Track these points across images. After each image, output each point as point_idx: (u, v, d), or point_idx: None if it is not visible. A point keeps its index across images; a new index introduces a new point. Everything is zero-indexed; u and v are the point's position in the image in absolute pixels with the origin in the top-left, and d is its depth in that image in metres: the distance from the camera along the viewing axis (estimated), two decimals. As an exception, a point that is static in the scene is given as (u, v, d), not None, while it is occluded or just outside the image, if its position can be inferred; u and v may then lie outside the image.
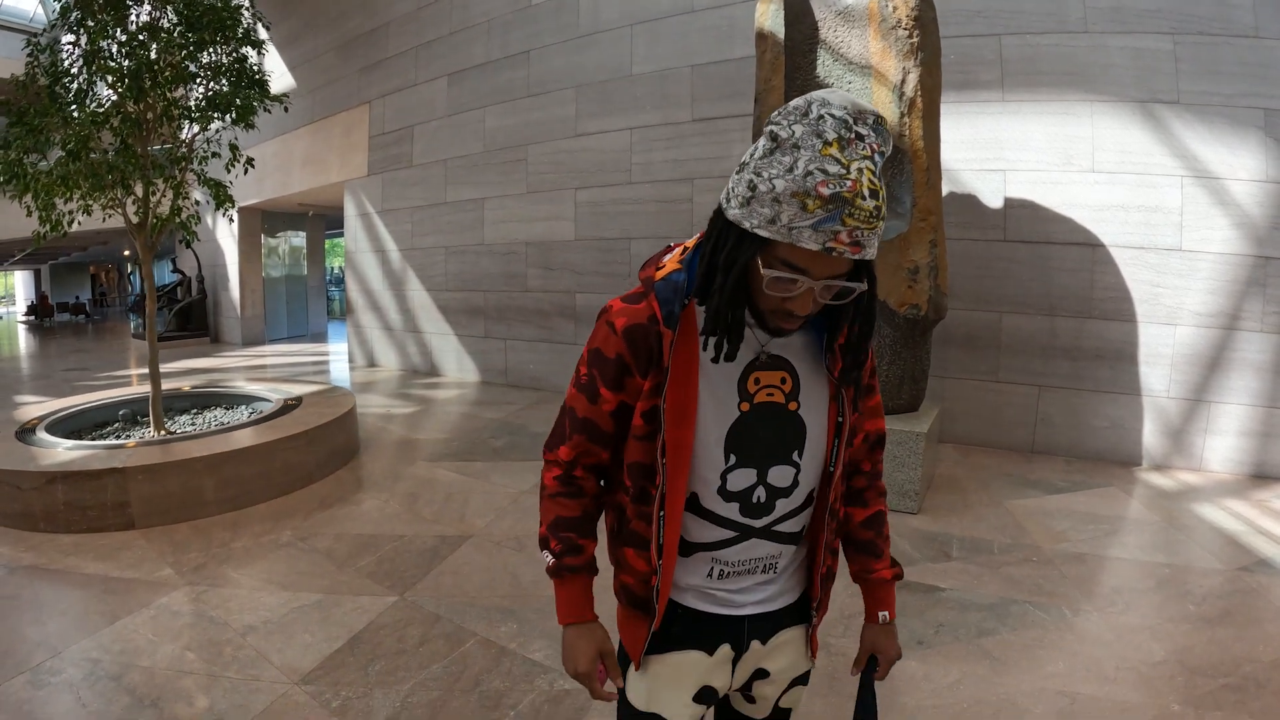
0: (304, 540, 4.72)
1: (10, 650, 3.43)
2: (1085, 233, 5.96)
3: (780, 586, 1.50)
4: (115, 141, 5.98)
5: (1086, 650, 3.22)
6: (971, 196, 6.29)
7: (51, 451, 5.37)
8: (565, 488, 1.48)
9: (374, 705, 3.01)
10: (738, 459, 1.35)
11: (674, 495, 1.35)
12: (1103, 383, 5.98)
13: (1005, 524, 4.61)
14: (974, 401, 6.44)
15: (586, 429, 1.43)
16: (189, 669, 3.32)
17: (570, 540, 1.46)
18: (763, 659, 1.53)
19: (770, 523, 1.41)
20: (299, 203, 15.51)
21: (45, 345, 19.66)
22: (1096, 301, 5.96)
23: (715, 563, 1.43)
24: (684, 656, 1.49)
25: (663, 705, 1.51)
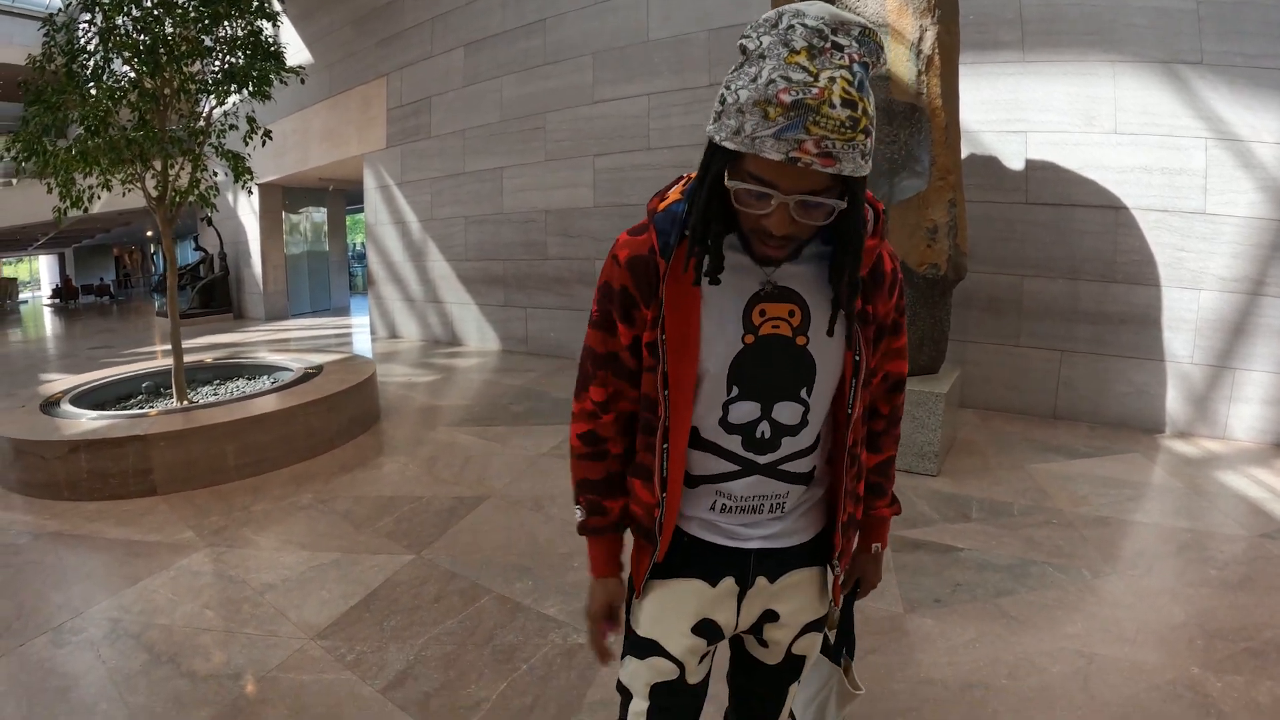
0: (324, 503, 4.74)
1: (33, 611, 3.47)
2: (1108, 195, 5.82)
3: (790, 524, 1.45)
4: (134, 117, 5.99)
5: (1106, 612, 3.16)
6: (992, 158, 6.16)
7: (75, 422, 5.40)
8: (589, 448, 1.46)
9: (388, 659, 3.02)
10: (740, 391, 1.31)
11: (677, 428, 1.32)
12: (1126, 348, 5.86)
13: (1026, 487, 4.54)
14: (996, 366, 6.33)
15: (610, 364, 1.40)
16: (207, 626, 3.35)
17: (594, 502, 1.48)
18: (771, 599, 1.49)
19: (776, 460, 1.36)
20: (319, 177, 15.51)
21: (70, 326, 19.83)
22: (1119, 265, 5.83)
23: (719, 496, 1.39)
24: (685, 584, 1.46)
25: (661, 632, 1.49)
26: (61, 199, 6.01)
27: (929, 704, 2.59)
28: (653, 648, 1.50)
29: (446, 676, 2.88)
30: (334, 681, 2.90)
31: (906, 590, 3.37)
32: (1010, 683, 2.68)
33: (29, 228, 22.59)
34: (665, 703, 1.53)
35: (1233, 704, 2.49)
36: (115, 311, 24.36)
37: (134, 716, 2.73)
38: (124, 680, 2.95)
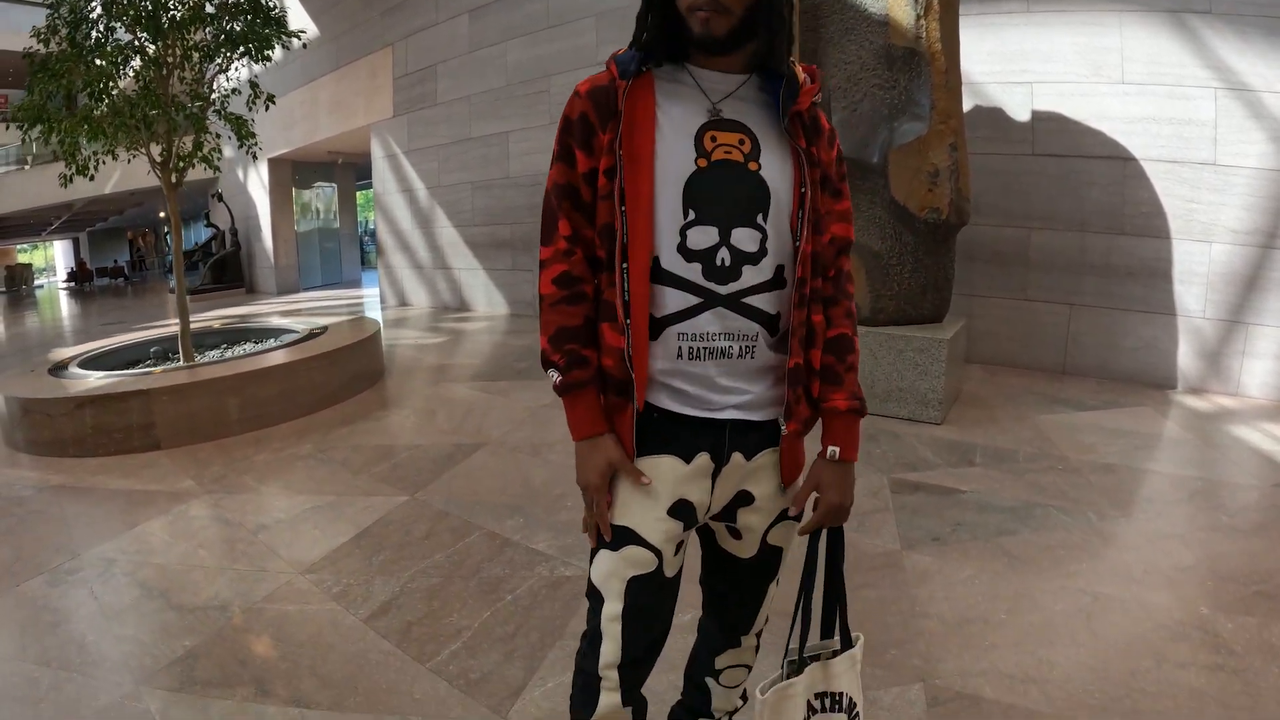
0: (322, 452, 4.69)
1: (32, 555, 3.47)
2: (1115, 146, 5.64)
3: (765, 392, 1.38)
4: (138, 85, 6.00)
5: (1112, 554, 3.04)
6: (997, 110, 5.99)
7: (80, 381, 5.39)
8: (565, 290, 1.36)
9: (374, 590, 2.97)
10: (697, 215, 1.28)
11: (636, 247, 1.28)
12: (1135, 301, 5.70)
13: (1031, 436, 4.41)
14: (1002, 320, 6.18)
15: (570, 195, 1.36)
16: (199, 564, 3.33)
17: (574, 352, 1.36)
18: (746, 479, 1.41)
19: (738, 291, 1.30)
20: (328, 150, 15.44)
21: (85, 306, 19.90)
22: (1128, 217, 5.66)
23: (683, 339, 1.31)
24: (657, 463, 1.37)
25: (634, 517, 1.39)
26: (67, 166, 5.98)
27: (923, 636, 2.48)
28: (627, 536, 1.40)
29: (430, 607, 2.83)
30: (318, 611, 2.85)
31: (904, 529, 3.27)
32: (1009, 618, 2.57)
33: (42, 211, 22.53)
34: (642, 601, 1.43)
35: (1244, 645, 2.37)
36: (130, 292, 24.40)
37: (120, 645, 2.72)
38: (114, 614, 2.94)
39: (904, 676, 2.27)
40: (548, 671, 2.38)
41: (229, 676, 2.49)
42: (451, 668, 2.45)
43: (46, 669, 2.58)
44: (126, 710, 2.33)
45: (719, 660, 1.68)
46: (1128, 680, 2.20)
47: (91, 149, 6.05)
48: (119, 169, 16.96)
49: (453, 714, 2.23)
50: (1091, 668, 2.27)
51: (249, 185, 16.84)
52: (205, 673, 2.52)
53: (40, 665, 2.60)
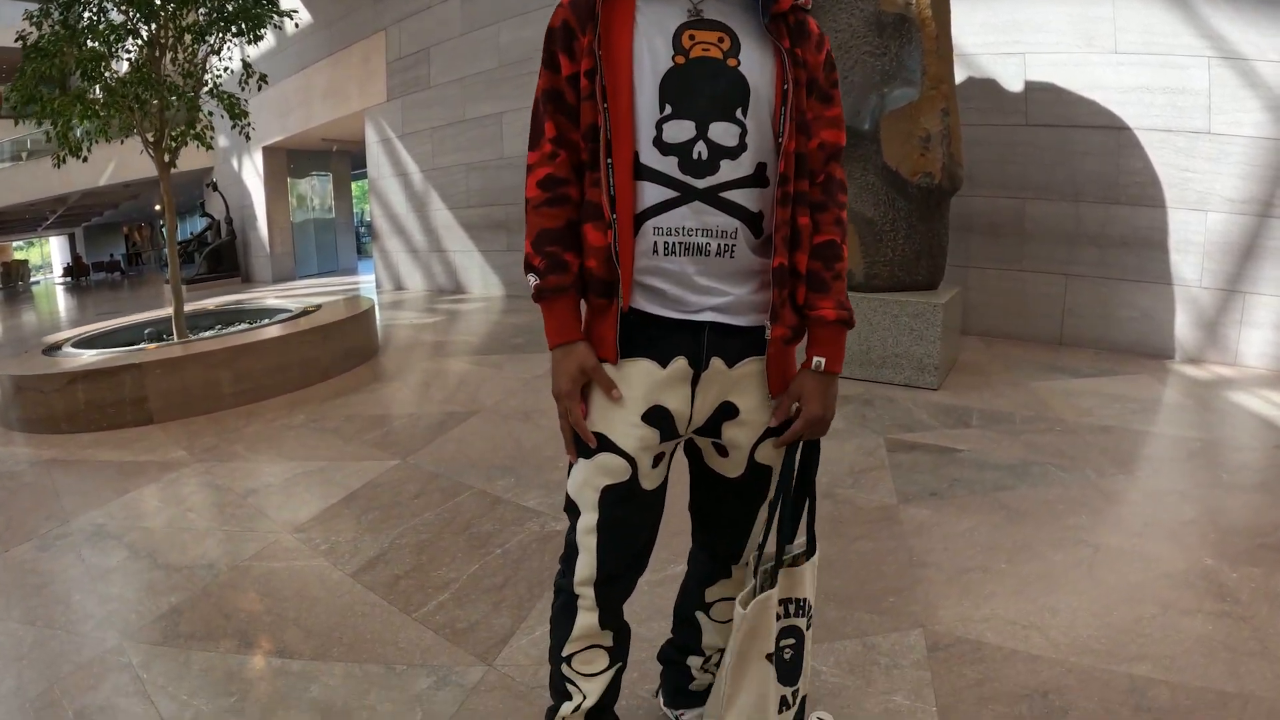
0: (314, 422, 4.63)
1: (21, 523, 3.43)
2: (1109, 115, 5.55)
3: (748, 296, 1.33)
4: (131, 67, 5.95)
5: (1112, 508, 2.97)
6: (991, 81, 5.90)
7: (73, 359, 5.33)
8: (548, 192, 1.34)
9: (362, 547, 2.91)
10: (674, 109, 1.25)
11: (619, 143, 1.25)
12: (1131, 271, 5.62)
13: (1028, 400, 4.33)
14: (998, 291, 6.10)
15: (554, 99, 1.33)
16: (188, 526, 3.28)
17: (555, 255, 1.33)
18: (730, 389, 1.36)
19: (715, 186, 1.27)
20: (322, 137, 15.31)
21: (82, 300, 19.80)
22: (1123, 187, 5.57)
23: (659, 233, 1.28)
24: (631, 366, 1.33)
25: (607, 423, 1.34)
26: (60, 146, 5.93)
27: (921, 584, 2.41)
28: (600, 442, 1.35)
29: (418, 561, 2.77)
30: (304, 567, 2.79)
31: (901, 485, 3.19)
32: (1009, 567, 2.50)
33: (37, 205, 22.32)
34: (617, 512, 1.38)
35: (1250, 593, 2.30)
36: (126, 285, 24.22)
37: (105, 604, 2.67)
38: (100, 575, 2.89)
39: (903, 623, 2.20)
40: (536, 620, 2.32)
41: (212, 630, 2.44)
42: (438, 618, 2.39)
43: (31, 627, 2.54)
44: (108, 663, 2.29)
45: (709, 592, 1.64)
46: (1132, 627, 2.12)
47: (84, 128, 5.99)
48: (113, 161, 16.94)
49: (438, 661, 2.17)
50: (1095, 614, 2.20)
51: (244, 174, 16.71)
52: (189, 627, 2.47)
53: (24, 624, 2.56)
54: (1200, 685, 1.85)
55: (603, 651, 1.48)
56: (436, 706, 1.97)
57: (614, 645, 1.50)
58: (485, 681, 2.06)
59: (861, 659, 2.04)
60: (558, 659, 1.49)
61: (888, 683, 1.93)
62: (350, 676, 2.13)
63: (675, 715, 1.81)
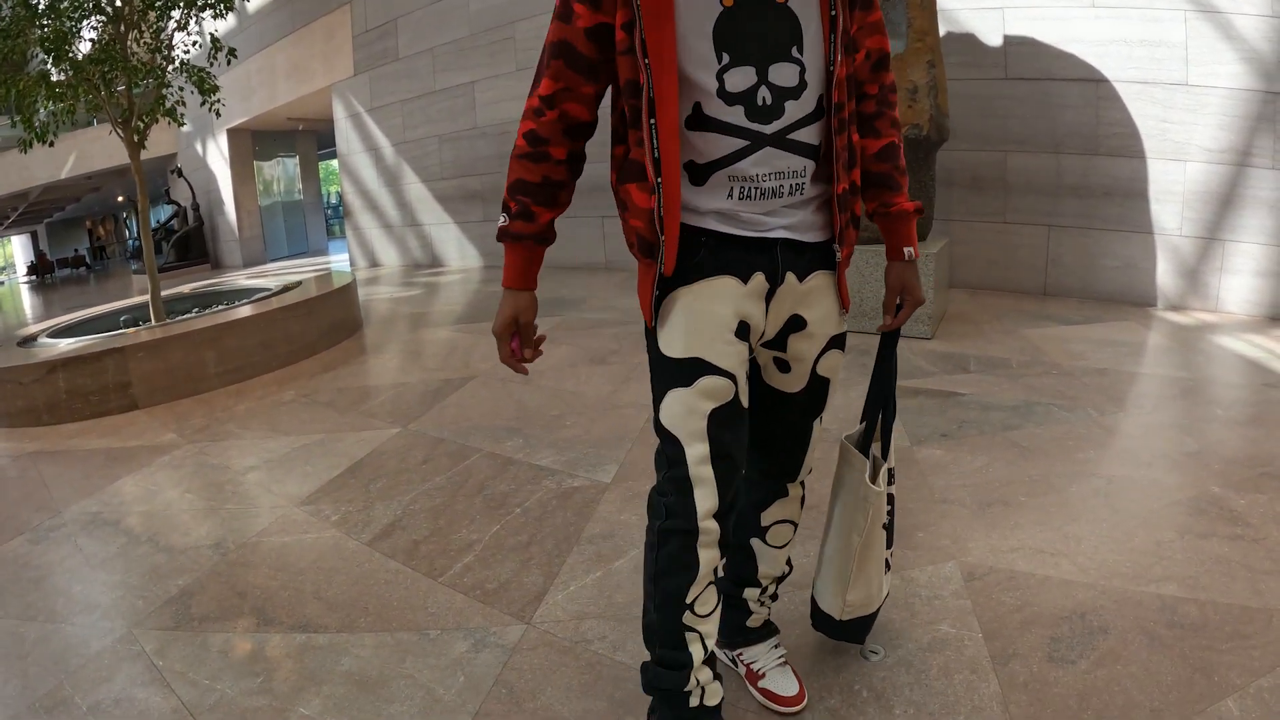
0: (306, 396, 4.53)
1: (10, 518, 3.29)
2: (1088, 68, 5.53)
3: (811, 216, 1.34)
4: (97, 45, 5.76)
5: (1118, 442, 2.98)
6: (970, 35, 5.86)
7: (50, 348, 5.16)
8: (532, 148, 1.33)
9: (374, 515, 2.84)
10: (731, 57, 1.21)
11: (664, 101, 1.20)
12: (1113, 221, 5.63)
13: (1022, 346, 4.34)
14: (983, 244, 6.09)
15: (564, 52, 1.28)
16: (187, 508, 3.18)
17: (525, 205, 1.37)
18: (799, 302, 1.37)
19: (783, 129, 1.25)
20: (288, 117, 14.96)
21: (49, 296, 19.32)
22: (1103, 138, 5.57)
23: (734, 181, 1.26)
24: (718, 284, 1.30)
25: (703, 345, 1.31)
26: (26, 131, 5.74)
27: (948, 519, 2.41)
28: (698, 368, 1.31)
29: (436, 525, 2.70)
30: (317, 539, 2.71)
31: (911, 428, 3.18)
32: (1029, 499, 2.50)
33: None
34: (727, 436, 1.33)
35: (1259, 518, 2.32)
36: (93, 280, 23.63)
37: (110, 591, 2.57)
38: (100, 563, 2.79)
39: (936, 557, 2.19)
40: (569, 575, 2.27)
41: (227, 610, 2.34)
42: (466, 580, 2.33)
43: (32, 623, 2.41)
44: (120, 653, 2.18)
45: (765, 515, 1.62)
46: (1154, 550, 2.14)
47: (49, 110, 5.79)
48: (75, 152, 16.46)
49: (473, 623, 2.10)
50: (1117, 540, 2.22)
51: (209, 159, 16.29)
52: (201, 609, 2.37)
53: (24, 620, 2.43)
54: (1226, 602, 1.88)
55: (713, 587, 1.41)
56: (479, 669, 1.90)
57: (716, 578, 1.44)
58: (526, 640, 2.00)
59: (902, 592, 2.03)
60: (677, 609, 1.38)
61: (931, 613, 1.93)
62: (382, 646, 2.05)
63: (733, 655, 1.76)
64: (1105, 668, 1.68)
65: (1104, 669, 1.68)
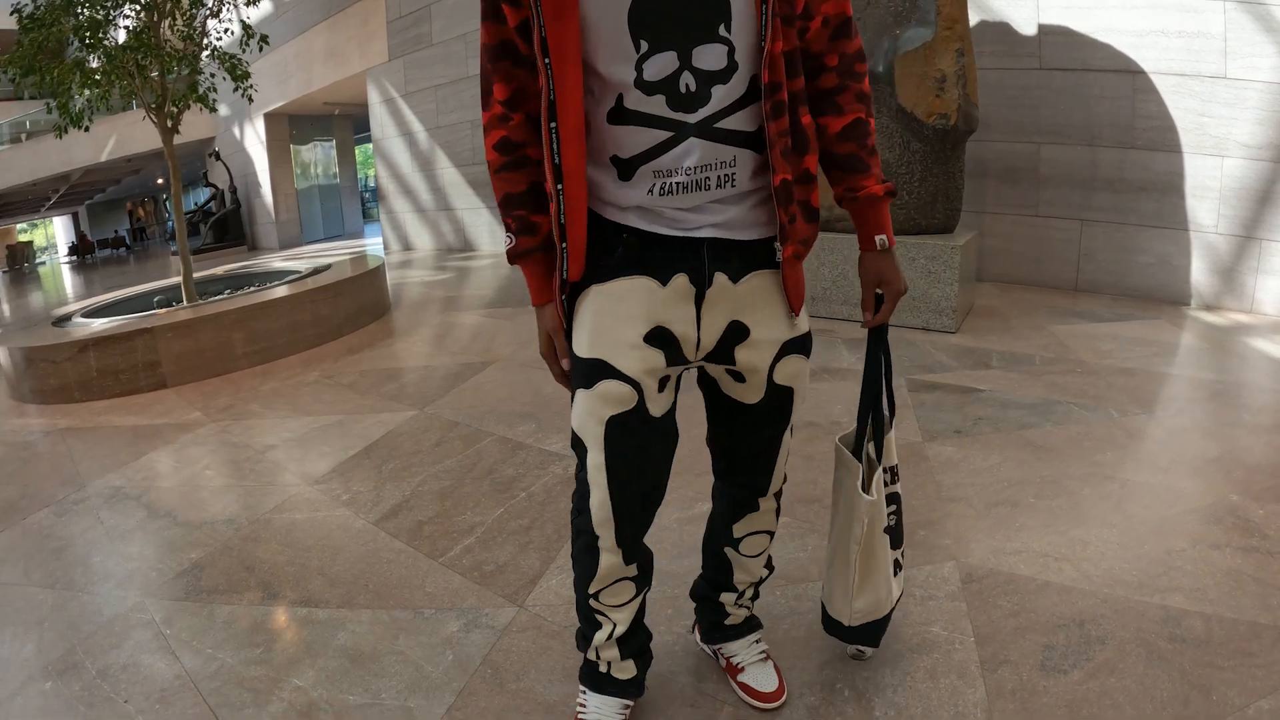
0: (329, 378, 4.59)
1: (38, 491, 3.40)
2: (1124, 59, 5.38)
3: (747, 212, 1.23)
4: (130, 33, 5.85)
5: (1136, 445, 2.90)
6: (1004, 24, 5.73)
7: (83, 328, 5.28)
8: (506, 156, 1.25)
9: (384, 495, 2.88)
10: (650, 44, 1.10)
11: (566, 103, 1.13)
12: (1147, 216, 5.49)
13: (1048, 343, 4.25)
14: (1014, 237, 5.97)
15: (508, 53, 1.20)
16: (206, 484, 3.26)
17: (523, 219, 1.28)
18: (738, 308, 1.26)
19: (709, 116, 1.14)
20: (324, 102, 15.12)
21: (89, 276, 19.73)
22: (1139, 131, 5.42)
23: (656, 176, 1.17)
24: (628, 284, 1.22)
25: (606, 347, 1.24)
26: (61, 117, 5.84)
27: (951, 519, 2.37)
28: (599, 370, 1.25)
29: (441, 507, 2.74)
30: (326, 518, 2.76)
31: (925, 423, 3.13)
32: (1038, 501, 2.45)
33: (39, 184, 22.05)
34: (626, 445, 1.28)
35: (1277, 529, 2.23)
36: (132, 261, 24.06)
37: (126, 563, 2.65)
38: (120, 535, 2.87)
39: (935, 556, 2.16)
40: (565, 560, 2.28)
41: (235, 583, 2.41)
42: (465, 561, 2.36)
43: (50, 591, 2.52)
44: (131, 621, 2.27)
45: (737, 528, 1.55)
46: (1163, 559, 2.07)
47: (85, 97, 5.89)
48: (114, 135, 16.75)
49: (467, 604, 2.14)
50: (1125, 546, 2.15)
51: (246, 143, 16.52)
52: (211, 581, 2.44)
53: (44, 588, 2.54)
54: (1233, 617, 1.80)
55: (629, 582, 1.42)
56: (468, 649, 1.94)
57: (639, 575, 1.44)
58: (516, 622, 2.03)
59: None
60: (584, 594, 1.44)
61: (924, 614, 1.90)
62: (378, 622, 2.10)
63: (713, 650, 1.75)
64: (1098, 680, 1.63)
65: (1097, 681, 1.63)
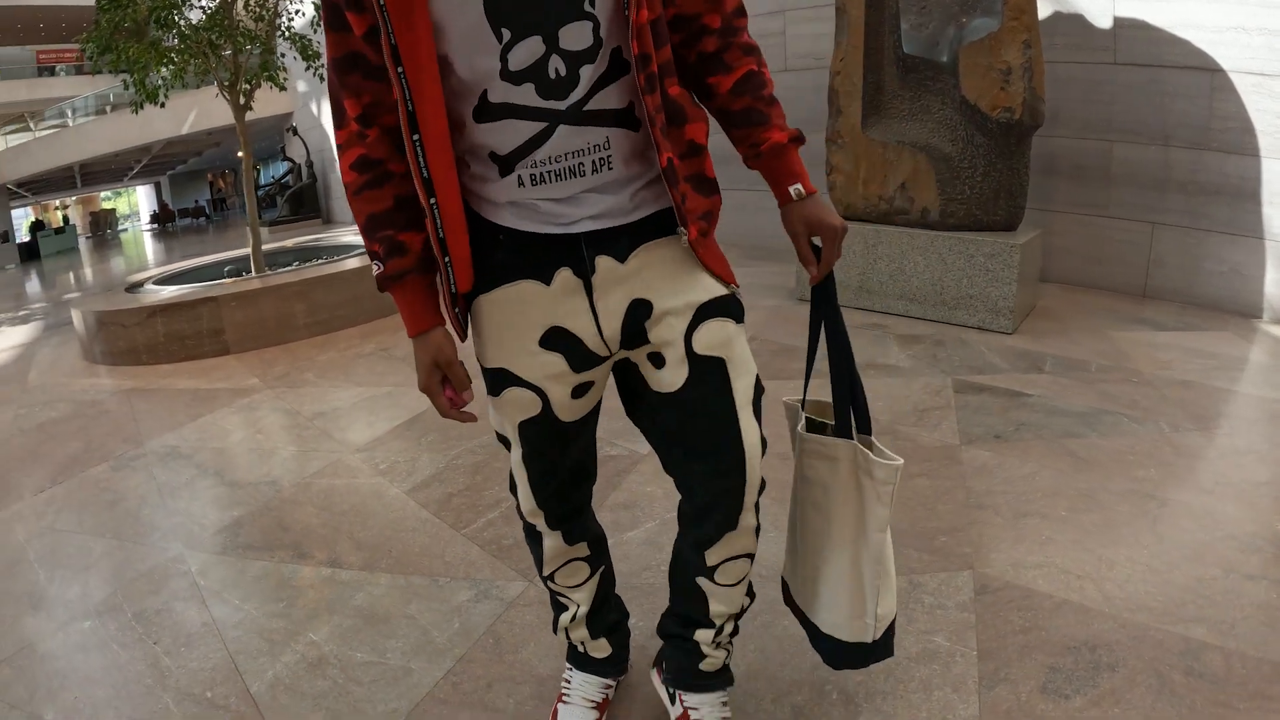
0: (384, 350, 4.71)
1: (99, 446, 3.58)
2: (1202, 56, 5.09)
3: (628, 200, 1.14)
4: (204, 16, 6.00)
5: (1182, 462, 2.75)
6: (1078, 16, 5.48)
7: (153, 294, 5.52)
8: (364, 174, 1.14)
9: (419, 466, 2.96)
10: (514, 30, 1.01)
11: (427, 113, 1.04)
12: (1220, 223, 5.21)
13: (1106, 350, 4.08)
14: (1082, 238, 5.73)
15: (357, 64, 1.10)
16: (256, 447, 3.39)
17: (389, 239, 1.15)
18: (635, 285, 1.16)
19: (580, 100, 1.06)
20: (400, 75, 15.34)
21: (168, 244, 20.60)
22: (1215, 132, 5.12)
23: (525, 168, 1.09)
24: (513, 290, 1.16)
25: (505, 355, 1.20)
26: (137, 94, 6.03)
27: (976, 526, 2.30)
28: (502, 378, 1.22)
29: (471, 481, 2.80)
30: (363, 484, 2.86)
31: (965, 426, 3.04)
32: (1070, 515, 2.35)
33: (122, 155, 23.00)
34: (538, 446, 1.27)
35: (1321, 566, 2.10)
36: (211, 230, 24.99)
37: (171, 517, 2.78)
38: (169, 491, 3.01)
39: (952, 563, 2.10)
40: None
41: (270, 541, 2.52)
42: (485, 535, 2.42)
43: (100, 539, 2.67)
44: (170, 570, 2.39)
45: (711, 554, 1.32)
46: (1193, 586, 1.96)
47: (161, 75, 6.08)
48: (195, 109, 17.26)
49: (480, 575, 2.20)
50: (1154, 571, 2.04)
51: (323, 119, 16.86)
52: (248, 538, 2.56)
53: (94, 536, 2.69)
54: (1257, 655, 1.68)
55: (581, 563, 1.43)
56: (474, 618, 2.00)
57: (590, 554, 1.44)
58: (524, 597, 2.08)
59: (905, 597, 1.95)
60: (542, 577, 1.47)
61: (930, 622, 1.85)
62: (395, 587, 2.18)
63: (672, 691, 1.53)
64: (1101, 708, 1.56)
65: (1099, 709, 1.55)
